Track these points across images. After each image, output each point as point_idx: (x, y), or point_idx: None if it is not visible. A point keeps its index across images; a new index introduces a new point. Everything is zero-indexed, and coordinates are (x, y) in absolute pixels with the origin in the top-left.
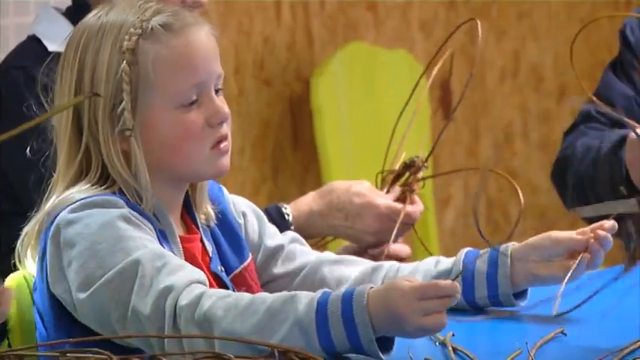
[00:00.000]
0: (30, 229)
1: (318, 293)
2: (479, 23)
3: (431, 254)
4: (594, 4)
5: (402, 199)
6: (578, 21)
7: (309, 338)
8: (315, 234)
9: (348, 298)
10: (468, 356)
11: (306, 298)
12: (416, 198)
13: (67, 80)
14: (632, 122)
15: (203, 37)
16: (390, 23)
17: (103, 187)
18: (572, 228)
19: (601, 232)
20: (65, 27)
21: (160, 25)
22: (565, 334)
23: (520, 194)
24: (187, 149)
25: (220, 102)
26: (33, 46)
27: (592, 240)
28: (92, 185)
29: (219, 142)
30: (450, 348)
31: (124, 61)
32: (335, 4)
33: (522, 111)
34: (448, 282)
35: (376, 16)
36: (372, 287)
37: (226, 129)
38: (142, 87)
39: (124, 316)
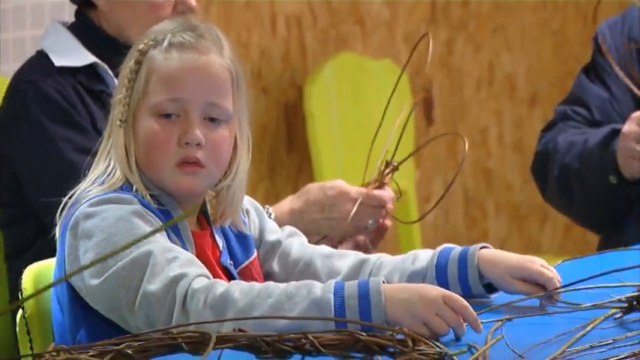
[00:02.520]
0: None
1: (330, 283)
2: (430, 38)
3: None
4: (564, 19)
5: (375, 187)
6: (549, 35)
7: (326, 314)
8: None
9: (364, 294)
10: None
11: (320, 286)
12: (386, 187)
13: None
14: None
15: (204, 64)
16: (377, 36)
17: (115, 179)
18: (542, 222)
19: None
20: (70, 42)
21: (172, 41)
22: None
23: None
24: (154, 157)
25: (199, 127)
26: (41, 60)
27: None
28: (106, 171)
29: (185, 162)
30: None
31: (133, 60)
32: (326, 19)
33: (497, 116)
34: (471, 312)
35: (364, 29)
36: (384, 281)
37: (199, 153)
38: (138, 86)
39: (133, 301)
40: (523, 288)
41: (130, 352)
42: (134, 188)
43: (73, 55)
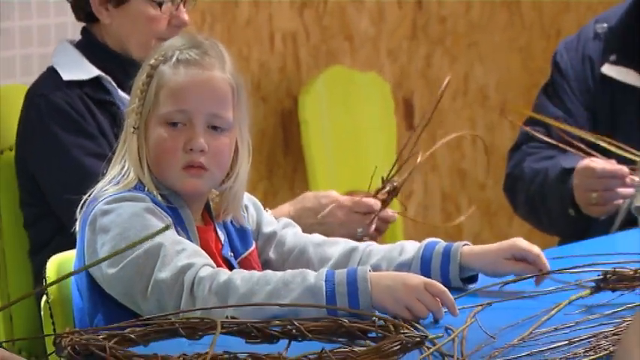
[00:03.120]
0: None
1: (322, 272)
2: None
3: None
4: (530, 37)
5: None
6: (517, 50)
7: (318, 301)
8: None
9: (352, 281)
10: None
11: (313, 273)
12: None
13: None
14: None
15: (207, 78)
16: (364, 51)
17: (129, 179)
18: (510, 218)
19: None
20: (77, 58)
21: (179, 57)
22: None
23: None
24: (163, 161)
25: (203, 135)
26: (51, 75)
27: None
28: (121, 172)
29: (191, 165)
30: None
31: (145, 73)
32: (318, 35)
33: (471, 122)
34: (449, 298)
35: (352, 45)
36: (371, 269)
37: (202, 158)
38: (149, 97)
39: (145, 288)
40: (515, 266)
41: (133, 336)
42: (146, 188)
43: (79, 69)
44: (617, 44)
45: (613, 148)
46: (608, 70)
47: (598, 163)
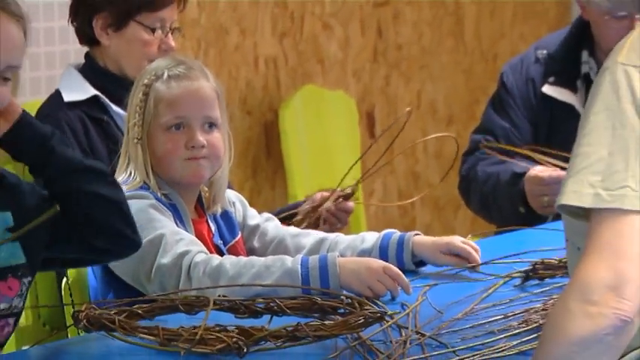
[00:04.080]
0: None
1: (298, 257)
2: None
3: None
4: (472, 60)
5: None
6: (461, 72)
7: (294, 282)
8: None
9: (323, 265)
10: None
11: (290, 259)
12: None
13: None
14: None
15: (197, 88)
16: (333, 72)
17: (135, 181)
18: (455, 211)
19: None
20: (78, 80)
21: (169, 74)
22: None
23: None
24: (168, 159)
25: (201, 134)
26: (56, 97)
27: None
28: (128, 176)
29: (194, 157)
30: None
31: (141, 92)
32: (295, 59)
33: (423, 132)
34: (404, 279)
35: (323, 67)
36: (339, 255)
37: (203, 152)
38: (148, 111)
39: (150, 271)
40: (450, 260)
41: (139, 311)
42: (150, 188)
43: (79, 90)
44: (556, 68)
45: (547, 158)
46: (547, 89)
47: (544, 172)
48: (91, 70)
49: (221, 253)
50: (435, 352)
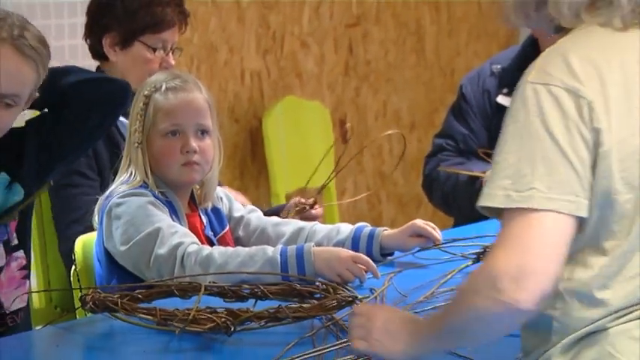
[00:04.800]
0: (97, 206)
1: (278, 247)
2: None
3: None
4: (432, 74)
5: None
6: (422, 84)
7: (275, 270)
8: None
9: (300, 255)
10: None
11: (271, 249)
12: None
13: None
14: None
15: (191, 99)
16: (310, 85)
17: (135, 181)
18: (417, 207)
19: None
20: None
21: (167, 86)
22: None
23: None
24: (165, 162)
25: (194, 140)
26: None
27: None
28: (129, 176)
29: (188, 163)
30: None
31: (142, 102)
32: (277, 74)
33: (388, 137)
34: (372, 265)
35: (301, 81)
36: (314, 245)
37: (195, 157)
38: (148, 119)
39: (148, 260)
40: (416, 241)
41: (139, 295)
42: (149, 187)
43: None
44: (509, 80)
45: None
46: (501, 100)
47: None
48: None
49: (212, 244)
50: None
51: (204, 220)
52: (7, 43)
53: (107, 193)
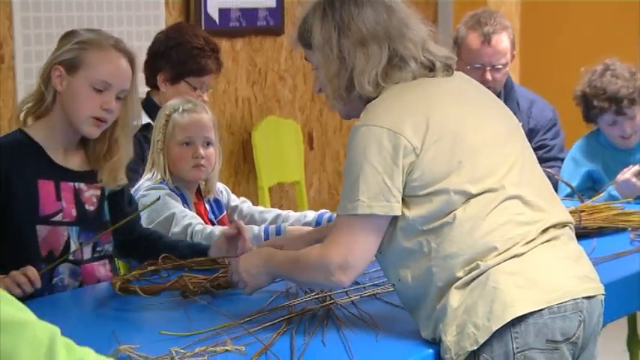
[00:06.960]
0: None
1: (262, 226)
2: None
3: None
4: None
5: None
6: None
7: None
8: None
9: (279, 232)
10: None
11: (257, 227)
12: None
13: None
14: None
15: (200, 118)
16: (285, 108)
17: (157, 178)
18: None
19: None
20: (141, 114)
21: (183, 108)
22: None
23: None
24: (180, 165)
25: (201, 149)
26: None
27: None
28: (152, 175)
29: (197, 165)
30: None
31: (164, 119)
32: (261, 99)
33: (344, 147)
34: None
35: (280, 104)
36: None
37: (202, 161)
38: (168, 132)
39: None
40: None
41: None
42: (167, 183)
43: (143, 119)
44: None
45: None
46: None
47: None
48: (149, 105)
49: (213, 224)
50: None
51: (208, 207)
52: (113, 48)
53: (136, 186)
